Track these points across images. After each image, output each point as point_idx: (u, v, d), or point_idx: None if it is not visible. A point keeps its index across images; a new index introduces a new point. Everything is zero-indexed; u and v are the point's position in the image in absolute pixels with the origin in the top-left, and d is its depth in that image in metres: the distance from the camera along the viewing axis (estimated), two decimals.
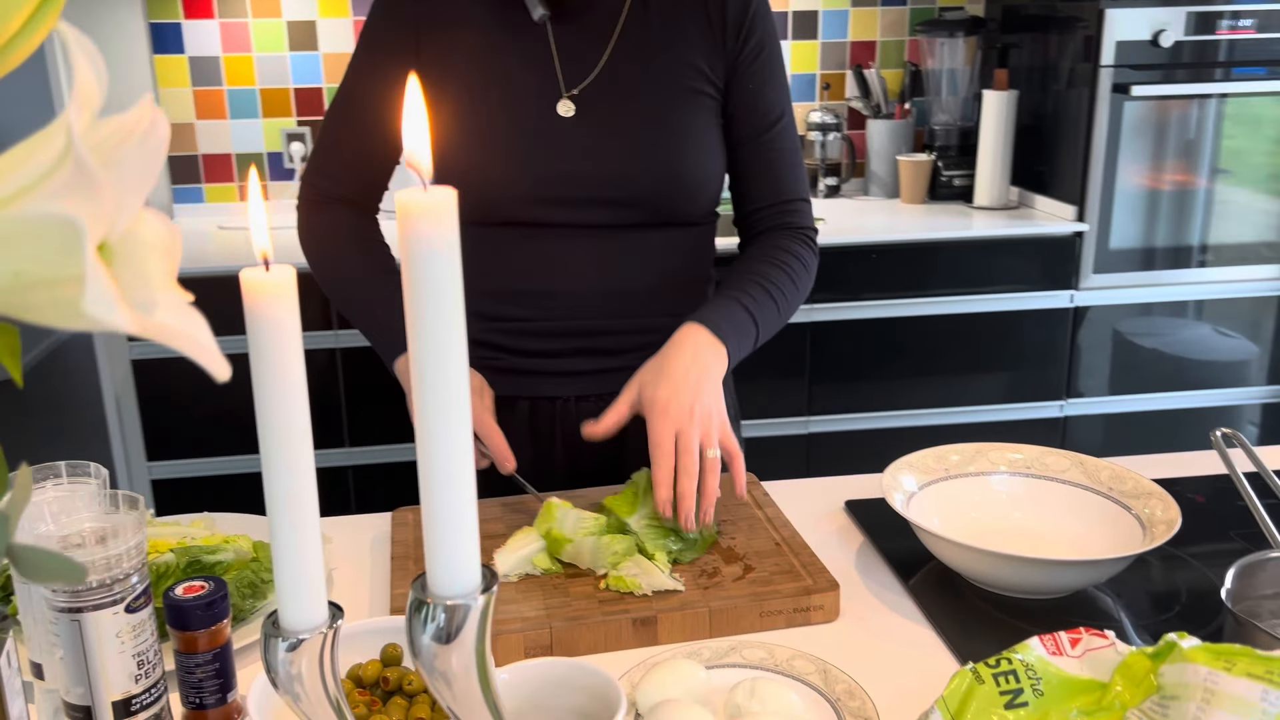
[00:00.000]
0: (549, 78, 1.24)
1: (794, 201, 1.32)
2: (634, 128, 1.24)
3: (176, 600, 0.84)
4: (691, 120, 1.26)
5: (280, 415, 0.54)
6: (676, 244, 1.29)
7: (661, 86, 1.25)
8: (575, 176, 1.23)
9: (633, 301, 1.29)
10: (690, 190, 1.26)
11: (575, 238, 1.25)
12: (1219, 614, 0.99)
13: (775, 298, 1.22)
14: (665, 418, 1.06)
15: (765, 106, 1.29)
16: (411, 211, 0.47)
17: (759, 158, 1.30)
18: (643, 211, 1.25)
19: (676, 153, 1.25)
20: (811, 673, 0.89)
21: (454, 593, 0.52)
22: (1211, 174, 2.68)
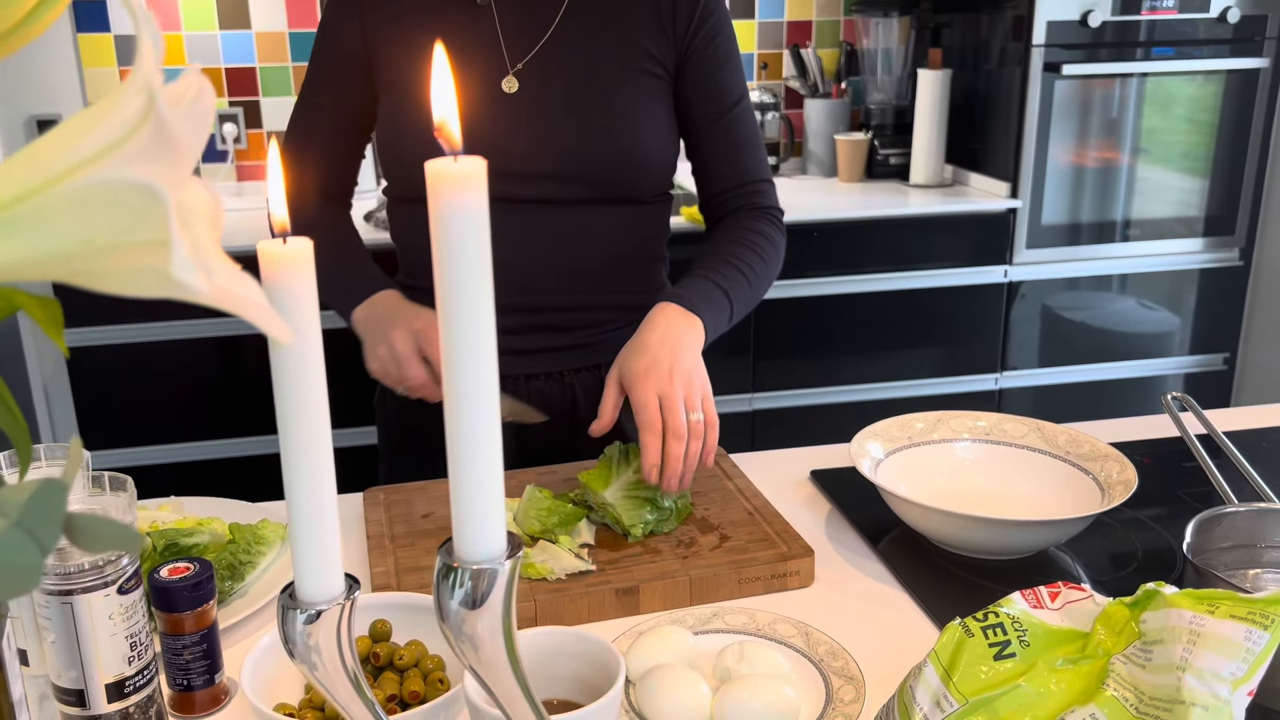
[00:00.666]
0: (494, 55, 1.25)
1: (757, 183, 1.33)
2: (578, 103, 1.25)
3: (162, 582, 0.84)
4: (636, 97, 1.26)
5: (299, 388, 0.55)
6: (626, 223, 1.30)
7: (606, 64, 1.26)
8: (520, 151, 1.23)
9: (582, 280, 1.29)
10: (636, 166, 1.27)
11: (522, 213, 1.25)
12: (1174, 568, 1.04)
13: (746, 274, 1.24)
14: (646, 383, 1.07)
15: (724, 90, 1.30)
16: (442, 180, 0.48)
17: (720, 140, 1.31)
18: (590, 188, 1.26)
19: (620, 128, 1.25)
20: (794, 635, 0.92)
21: (481, 558, 0.53)
22: (1134, 151, 2.77)
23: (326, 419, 0.56)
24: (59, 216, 0.34)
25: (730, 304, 1.21)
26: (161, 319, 2.37)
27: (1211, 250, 2.89)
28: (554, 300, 1.29)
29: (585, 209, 1.27)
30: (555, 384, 1.32)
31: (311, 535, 0.58)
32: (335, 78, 1.30)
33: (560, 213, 1.26)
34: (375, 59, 1.27)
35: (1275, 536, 0.95)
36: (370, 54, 1.27)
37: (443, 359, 0.51)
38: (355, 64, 1.29)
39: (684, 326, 1.14)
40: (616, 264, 1.30)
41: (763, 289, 1.28)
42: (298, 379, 0.54)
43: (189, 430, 2.49)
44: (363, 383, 1.65)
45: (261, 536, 1.03)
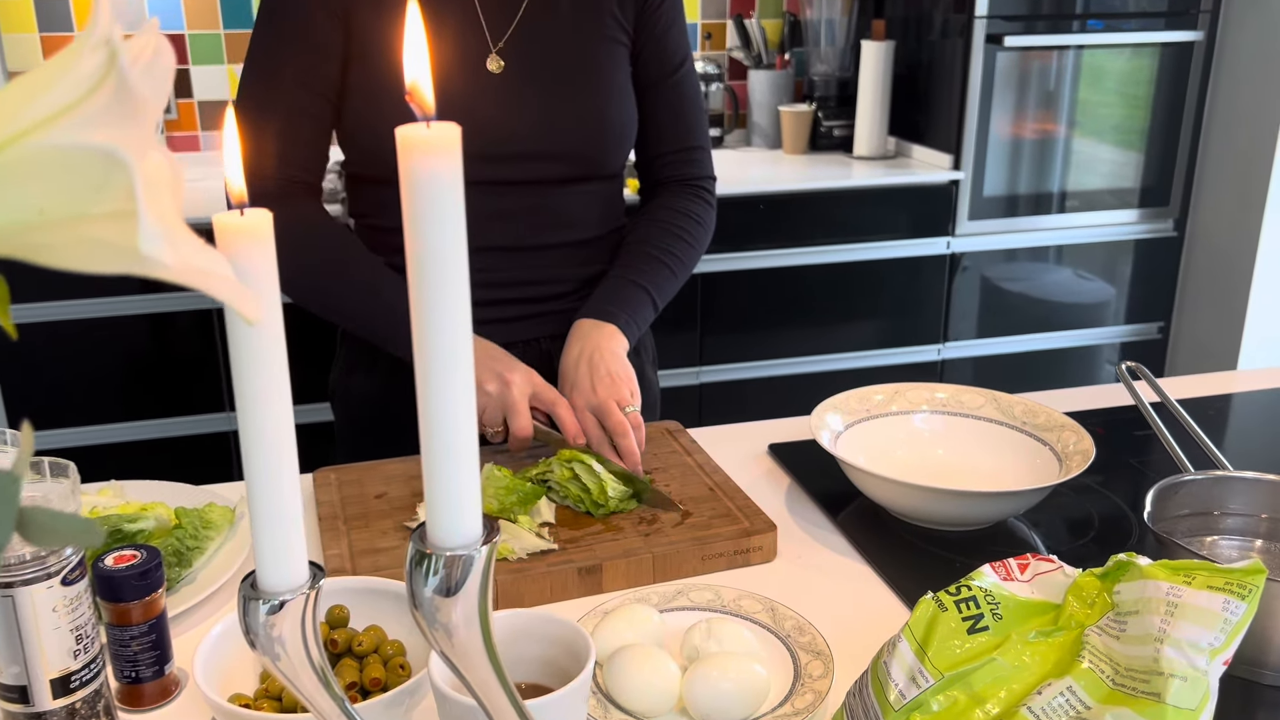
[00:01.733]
0: (476, 34, 1.22)
1: (695, 149, 1.35)
2: (560, 80, 1.23)
3: (108, 571, 0.80)
4: (611, 69, 1.26)
5: (260, 370, 0.52)
6: (599, 197, 1.30)
7: (581, 37, 1.24)
8: (505, 132, 1.21)
9: (552, 255, 1.29)
10: (616, 140, 1.26)
11: (499, 195, 1.23)
12: (1130, 536, 1.05)
13: (670, 264, 1.28)
14: (574, 409, 1.13)
15: (670, 50, 1.30)
16: (414, 147, 0.45)
17: (663, 102, 1.31)
18: (568, 165, 1.25)
19: (602, 102, 1.24)
20: (760, 611, 0.91)
21: (456, 544, 0.51)
22: (1072, 123, 2.80)
23: (288, 401, 0.53)
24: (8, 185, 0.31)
25: (652, 298, 1.26)
26: (91, 295, 2.29)
27: (1146, 221, 2.94)
28: (527, 275, 1.28)
29: (566, 187, 1.26)
30: (532, 350, 1.30)
31: (274, 522, 0.55)
32: (304, 45, 1.19)
33: (543, 192, 1.25)
34: (350, 24, 1.19)
35: (1231, 503, 0.96)
36: (345, 19, 1.19)
37: (414, 336, 0.49)
38: (328, 29, 1.19)
39: (598, 337, 1.18)
40: (587, 239, 1.30)
41: (689, 270, 1.32)
42: (259, 360, 0.51)
43: (120, 410, 2.41)
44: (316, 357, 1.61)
45: (209, 521, 1.00)
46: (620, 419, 1.10)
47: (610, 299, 1.23)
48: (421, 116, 0.45)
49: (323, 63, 1.20)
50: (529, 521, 1.01)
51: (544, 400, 1.14)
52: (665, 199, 1.34)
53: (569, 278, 1.30)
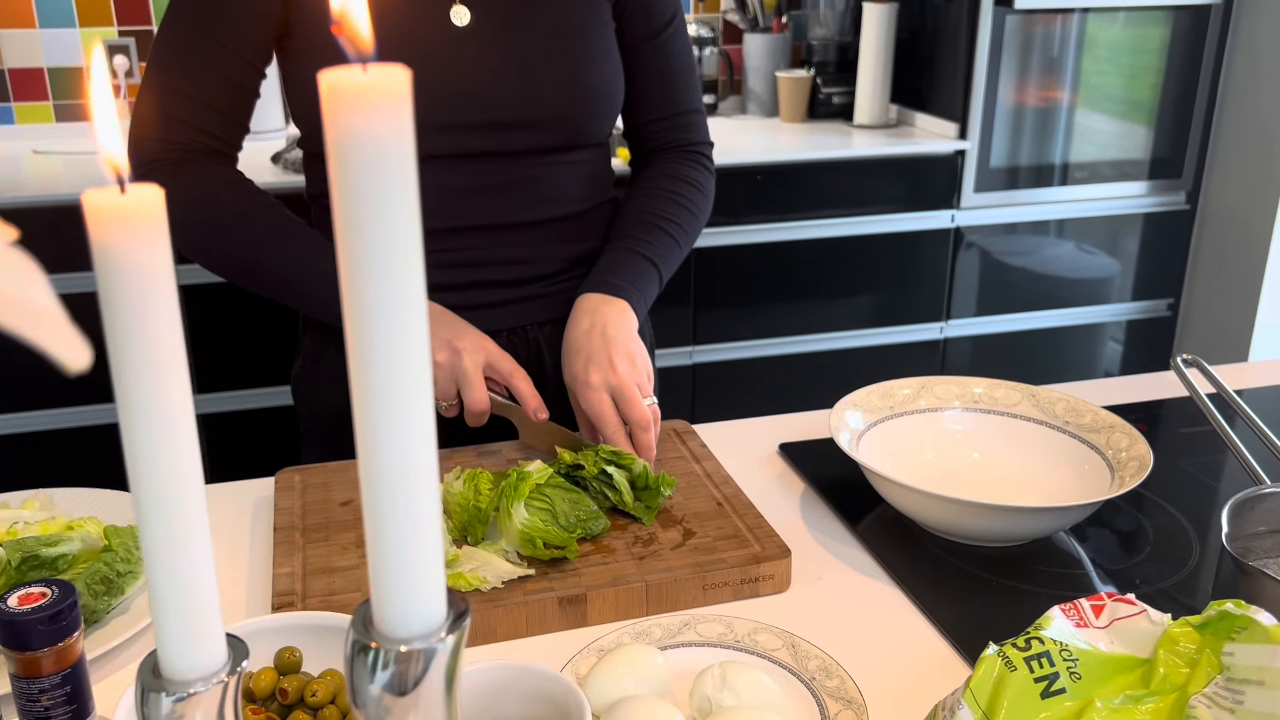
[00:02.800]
0: None
1: (689, 114, 1.23)
2: (536, 37, 1.09)
3: (11, 614, 0.67)
4: (591, 22, 1.12)
5: (148, 392, 0.39)
6: (581, 167, 1.17)
7: None
8: (476, 98, 1.07)
9: (541, 233, 1.16)
10: (601, 105, 1.13)
11: (472, 167, 1.10)
12: (1190, 554, 0.93)
13: (674, 235, 1.16)
14: (591, 385, 1.00)
15: (658, 5, 1.17)
16: (344, 98, 0.32)
17: (652, 63, 1.19)
18: (548, 133, 1.11)
19: (583, 62, 1.11)
20: (779, 649, 0.79)
21: (410, 633, 0.38)
22: (1082, 91, 2.67)
23: (191, 431, 0.40)
24: None
25: (659, 270, 1.14)
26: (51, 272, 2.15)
27: (1157, 193, 2.81)
28: (510, 254, 1.15)
29: (543, 156, 1.13)
30: (519, 339, 1.18)
31: (175, 590, 0.42)
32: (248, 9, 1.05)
33: (518, 162, 1.12)
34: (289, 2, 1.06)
35: None
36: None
37: (351, 355, 0.36)
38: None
39: (609, 311, 1.05)
40: (574, 214, 1.18)
41: (692, 242, 1.20)
42: (146, 382, 0.38)
43: (89, 393, 2.27)
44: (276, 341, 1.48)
45: None
46: (644, 411, 0.99)
47: (616, 271, 1.11)
48: (355, 56, 0.32)
49: (255, 31, 1.06)
50: (494, 545, 0.88)
51: (500, 371, 1.03)
52: (662, 166, 1.22)
53: (555, 257, 1.17)
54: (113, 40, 2.58)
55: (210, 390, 2.30)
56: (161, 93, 1.06)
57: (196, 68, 1.06)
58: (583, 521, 0.89)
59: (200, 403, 2.31)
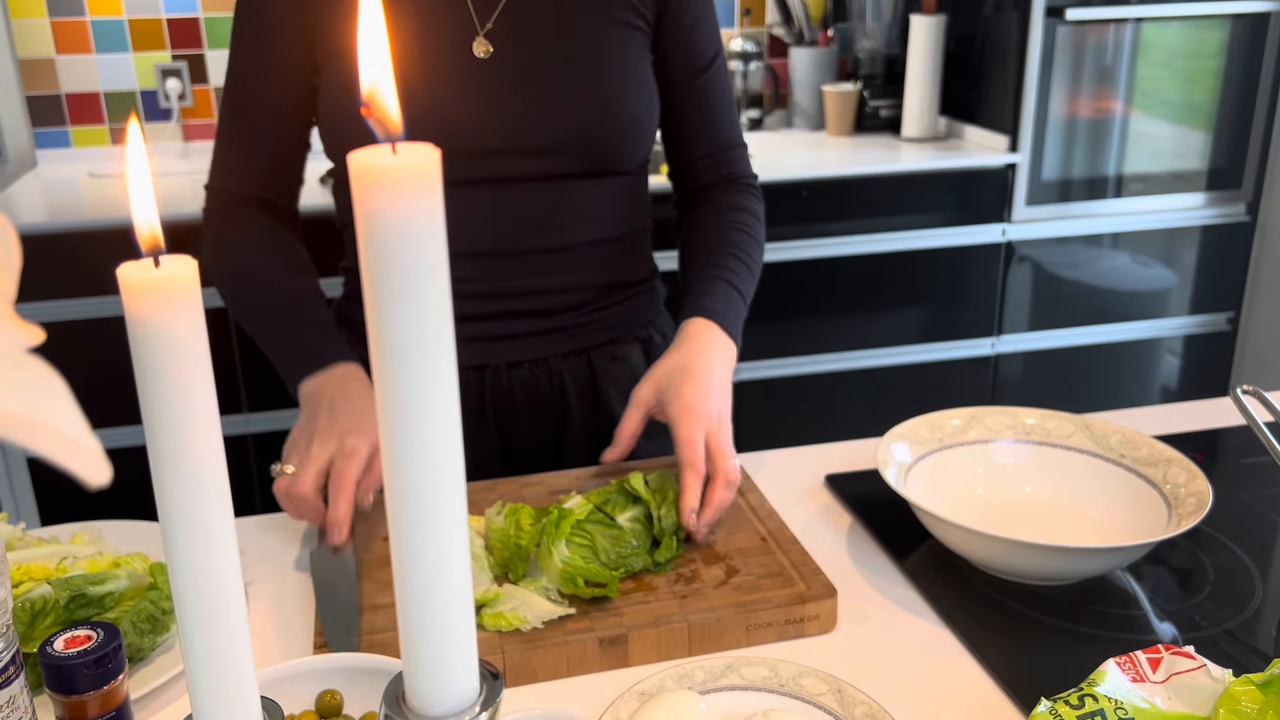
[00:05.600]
0: (460, 15, 1.08)
1: (735, 149, 1.23)
2: (560, 65, 1.08)
3: (57, 658, 0.68)
4: (620, 53, 1.11)
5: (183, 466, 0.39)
6: (612, 195, 1.15)
7: (583, 16, 1.10)
8: (500, 126, 1.07)
9: (569, 259, 1.15)
10: (625, 130, 1.11)
11: (502, 193, 1.10)
12: (1253, 594, 0.90)
13: (753, 269, 1.16)
14: (694, 419, 0.97)
15: (701, 44, 1.17)
16: (372, 180, 0.32)
17: (695, 101, 1.18)
18: (576, 160, 1.10)
19: (608, 89, 1.10)
20: (824, 693, 0.77)
21: (443, 710, 0.38)
22: (1137, 101, 2.61)
23: (227, 513, 0.40)
24: None
25: (745, 307, 1.13)
26: (102, 294, 2.19)
27: (1216, 205, 2.75)
28: (537, 283, 1.14)
29: (570, 183, 1.12)
30: (541, 371, 1.17)
31: (212, 658, 0.42)
32: (274, 54, 1.09)
33: (544, 190, 1.11)
34: (315, 28, 1.08)
35: None
36: (310, 22, 1.08)
37: (384, 433, 0.35)
38: (295, 35, 1.08)
39: (725, 357, 1.05)
40: (604, 240, 1.16)
41: (757, 279, 1.18)
42: (185, 459, 0.38)
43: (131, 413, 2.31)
44: None
45: None
46: (732, 468, 0.96)
47: (728, 305, 1.09)
48: (384, 137, 0.32)
49: (288, 84, 1.10)
50: (534, 582, 0.88)
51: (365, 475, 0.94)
52: (722, 198, 1.21)
53: (583, 285, 1.16)
54: (166, 64, 2.62)
55: (261, 409, 2.33)
56: (220, 143, 1.13)
57: (243, 121, 1.11)
58: (625, 559, 0.88)
59: (252, 422, 2.34)
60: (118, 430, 2.29)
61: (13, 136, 2.50)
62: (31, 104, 2.59)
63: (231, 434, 2.34)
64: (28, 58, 2.57)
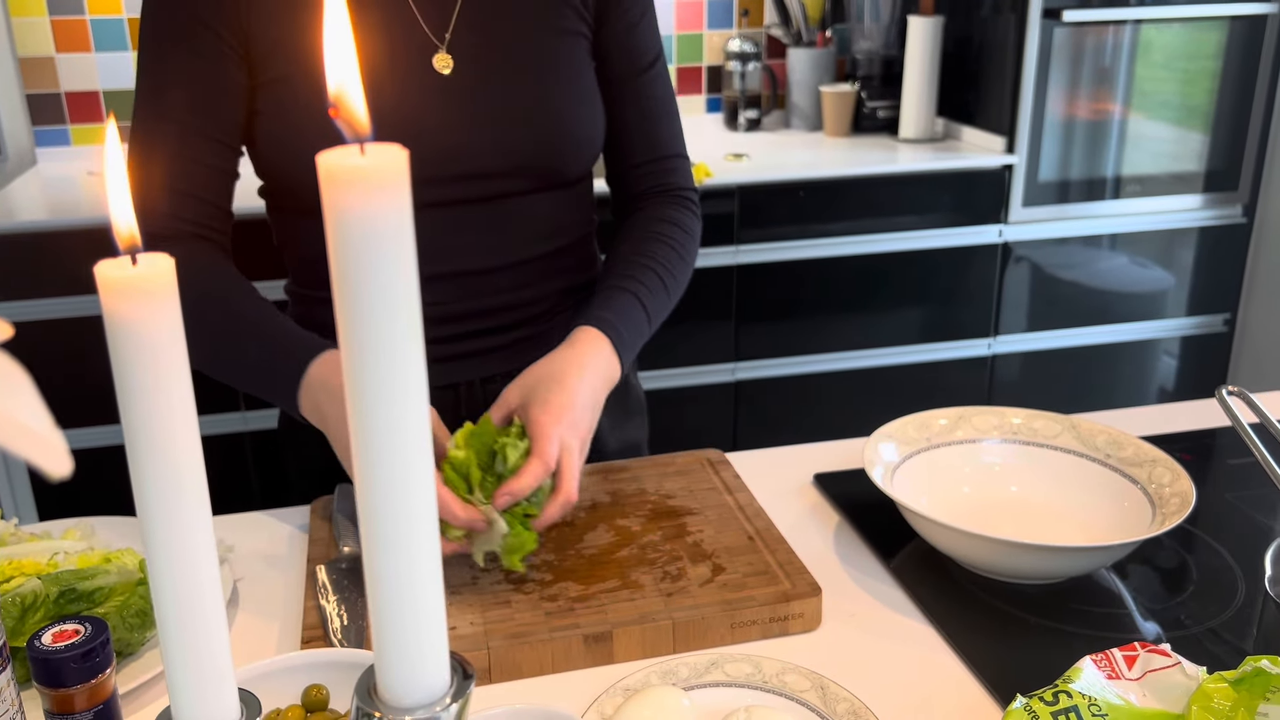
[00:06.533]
0: (411, 26, 1.03)
1: (673, 158, 1.17)
2: (518, 84, 1.05)
3: (45, 652, 0.68)
4: (571, 65, 1.08)
5: (160, 465, 0.39)
6: (564, 205, 1.13)
7: (535, 27, 1.06)
8: (464, 149, 1.03)
9: (528, 271, 1.12)
10: (580, 147, 1.09)
11: (460, 214, 1.06)
12: (1235, 593, 0.91)
13: (668, 285, 1.09)
14: (556, 423, 0.88)
15: (640, 45, 1.13)
16: (340, 178, 0.33)
17: (634, 105, 1.14)
18: (531, 178, 1.07)
19: (565, 107, 1.07)
20: (807, 690, 0.78)
21: (414, 701, 0.38)
22: (1134, 103, 2.62)
23: (204, 510, 0.41)
24: None
25: (649, 326, 1.06)
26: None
27: (1213, 206, 2.75)
28: (502, 299, 1.11)
29: (523, 199, 1.08)
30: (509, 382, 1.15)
31: (189, 650, 0.43)
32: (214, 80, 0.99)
33: (498, 207, 1.07)
34: (254, 48, 1.00)
35: None
36: (248, 41, 1.00)
37: (354, 437, 0.36)
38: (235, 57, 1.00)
39: (604, 376, 0.97)
40: (559, 248, 1.14)
41: (678, 296, 1.12)
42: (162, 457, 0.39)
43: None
44: None
45: None
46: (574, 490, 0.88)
47: (625, 319, 1.03)
48: (352, 138, 0.33)
49: (221, 104, 1.00)
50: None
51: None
52: (651, 210, 1.16)
53: (544, 295, 1.13)
54: None
55: (257, 407, 2.34)
56: (137, 178, 1.00)
57: (166, 154, 1.00)
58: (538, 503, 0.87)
59: (249, 419, 2.35)
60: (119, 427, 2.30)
61: (12, 134, 2.51)
62: (31, 102, 2.60)
63: (229, 432, 2.35)
64: (27, 56, 2.58)
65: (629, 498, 1.02)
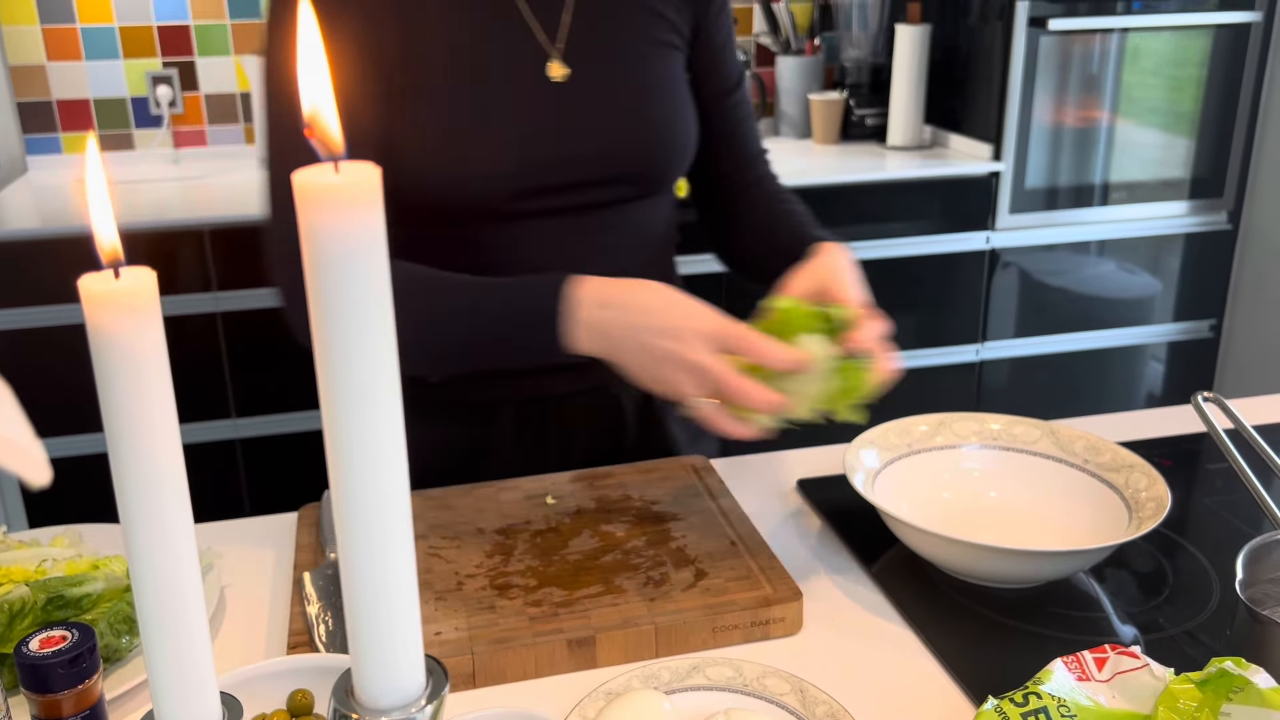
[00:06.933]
0: (528, 40, 1.06)
1: (761, 154, 1.24)
2: (627, 92, 1.09)
3: (32, 658, 0.69)
4: (670, 75, 1.12)
5: (142, 473, 0.40)
6: (661, 211, 1.18)
7: (636, 38, 1.10)
8: (576, 157, 1.06)
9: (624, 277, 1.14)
10: (680, 156, 1.13)
11: (565, 221, 1.09)
12: (1210, 596, 0.92)
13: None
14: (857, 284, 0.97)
15: (730, 64, 1.19)
16: (314, 196, 0.34)
17: (725, 120, 1.19)
18: (633, 186, 1.11)
19: (668, 116, 1.11)
20: (787, 693, 0.79)
21: (390, 703, 0.40)
22: (1120, 110, 2.64)
23: (185, 515, 0.42)
24: None
25: None
26: None
27: (1198, 213, 2.78)
28: None
29: (623, 207, 1.12)
30: (598, 399, 1.18)
31: (170, 652, 0.44)
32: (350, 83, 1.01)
33: (600, 215, 1.11)
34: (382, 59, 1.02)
35: None
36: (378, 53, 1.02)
37: (327, 438, 0.37)
38: (366, 64, 1.02)
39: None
40: (650, 256, 1.18)
41: None
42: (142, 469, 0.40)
43: None
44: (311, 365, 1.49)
45: None
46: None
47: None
48: (326, 156, 0.34)
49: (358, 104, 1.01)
50: None
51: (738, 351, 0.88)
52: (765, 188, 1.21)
53: None
54: (157, 72, 2.64)
55: (249, 414, 2.34)
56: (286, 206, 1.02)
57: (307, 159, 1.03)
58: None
59: (240, 427, 2.35)
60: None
61: (4, 142, 2.52)
62: (23, 110, 2.61)
63: (220, 438, 2.35)
64: (19, 64, 2.58)
65: (614, 504, 1.03)
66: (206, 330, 2.28)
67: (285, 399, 2.35)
